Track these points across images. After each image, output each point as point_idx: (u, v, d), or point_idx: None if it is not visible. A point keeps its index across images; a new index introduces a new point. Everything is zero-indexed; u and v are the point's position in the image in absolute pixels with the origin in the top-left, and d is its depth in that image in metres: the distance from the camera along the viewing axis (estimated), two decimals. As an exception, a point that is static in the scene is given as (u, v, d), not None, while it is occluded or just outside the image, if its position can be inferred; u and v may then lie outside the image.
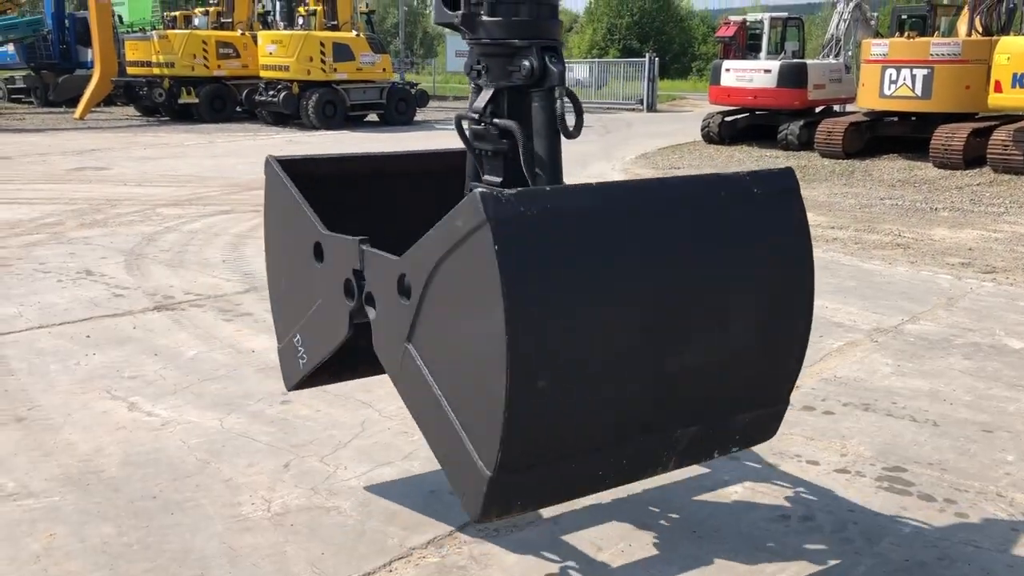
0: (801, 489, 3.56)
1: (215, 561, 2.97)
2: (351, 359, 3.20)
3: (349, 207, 3.23)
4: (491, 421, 2.15)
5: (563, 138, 2.72)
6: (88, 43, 25.87)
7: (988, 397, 4.57)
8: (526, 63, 2.63)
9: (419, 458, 3.75)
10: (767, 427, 2.82)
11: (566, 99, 2.67)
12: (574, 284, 2.18)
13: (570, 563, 3.00)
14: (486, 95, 2.72)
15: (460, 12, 2.70)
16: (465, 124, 2.90)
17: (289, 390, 3.38)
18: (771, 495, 3.50)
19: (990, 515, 3.36)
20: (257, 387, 4.57)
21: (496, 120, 2.73)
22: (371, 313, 2.65)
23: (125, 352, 5.10)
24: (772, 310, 2.60)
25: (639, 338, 2.32)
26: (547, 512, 3.30)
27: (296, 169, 3.13)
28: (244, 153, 16.31)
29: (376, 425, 4.11)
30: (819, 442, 4.00)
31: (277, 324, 3.34)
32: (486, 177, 2.82)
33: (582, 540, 3.14)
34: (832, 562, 3.03)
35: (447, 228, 2.22)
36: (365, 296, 2.66)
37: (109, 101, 25.57)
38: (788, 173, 2.67)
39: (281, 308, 3.30)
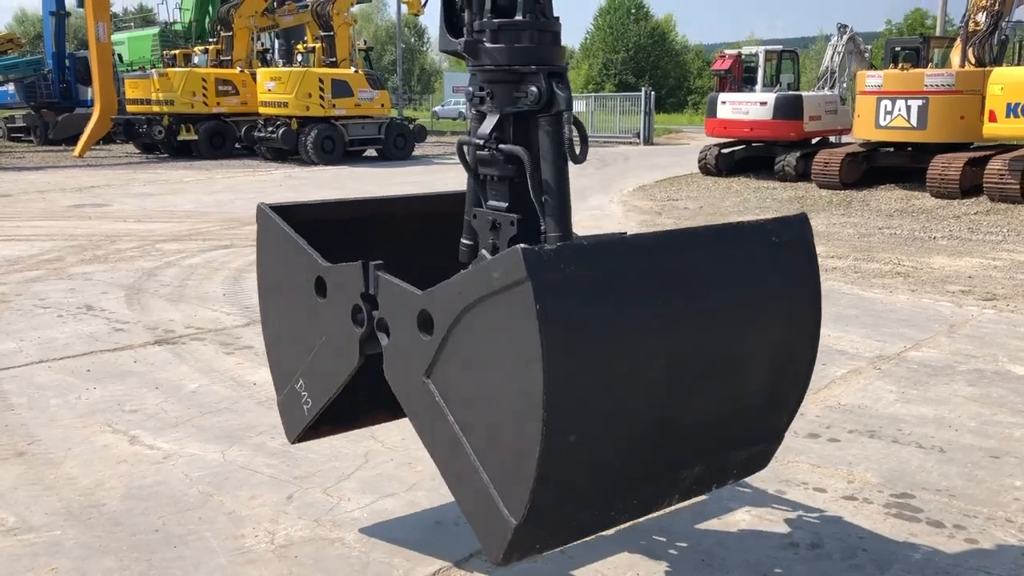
0: (809, 516, 3.53)
1: (218, 594, 2.93)
2: (351, 409, 3.20)
3: (339, 252, 3.13)
4: (521, 474, 2.17)
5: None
6: (88, 82, 26.11)
7: (994, 423, 4.55)
8: (534, 88, 2.64)
9: (423, 489, 3.72)
10: (762, 459, 2.88)
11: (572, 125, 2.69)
12: (608, 340, 2.21)
13: (578, 593, 2.97)
14: (491, 121, 2.73)
15: (463, 39, 2.73)
16: (466, 149, 2.90)
17: (292, 442, 3.26)
18: (778, 523, 3.47)
19: (1000, 541, 3.33)
20: (259, 419, 4.55)
21: (502, 146, 2.73)
22: (383, 339, 2.62)
23: (126, 386, 5.08)
24: (783, 358, 2.66)
25: (662, 390, 2.36)
26: (553, 542, 3.26)
27: (287, 215, 3.11)
28: (243, 189, 16.38)
29: (379, 456, 4.08)
30: (825, 469, 3.98)
31: (276, 376, 3.25)
32: (491, 203, 2.83)
33: (589, 571, 3.11)
34: (843, 590, 2.99)
35: (484, 276, 2.21)
36: (377, 322, 2.63)
37: (109, 139, 25.72)
38: (803, 220, 2.71)
39: (280, 358, 3.22)
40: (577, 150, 2.68)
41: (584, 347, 2.15)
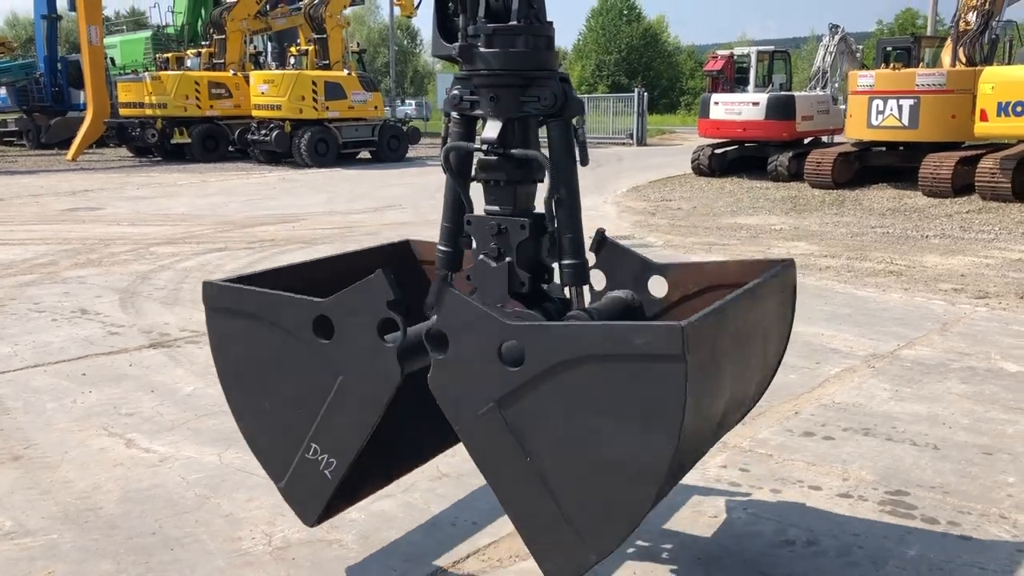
0: (804, 514, 3.54)
1: (216, 596, 2.94)
2: (358, 479, 2.98)
3: None
4: (614, 522, 2.35)
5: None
6: (80, 85, 26.08)
7: (987, 420, 4.58)
8: (548, 93, 2.66)
9: (419, 491, 3.73)
10: None
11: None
12: (705, 406, 2.47)
13: (575, 592, 2.97)
14: (495, 125, 2.72)
15: (458, 44, 2.73)
16: (452, 155, 2.83)
17: (312, 525, 2.92)
18: (774, 521, 3.48)
19: (994, 537, 3.35)
20: (255, 422, 4.54)
21: (515, 150, 2.73)
22: (436, 353, 2.46)
23: (121, 389, 5.08)
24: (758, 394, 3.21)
25: (712, 428, 2.69)
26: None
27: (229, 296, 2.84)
28: (237, 192, 16.37)
29: (376, 458, 4.08)
30: (820, 467, 3.99)
31: (271, 464, 2.88)
32: (490, 207, 2.82)
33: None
34: (838, 587, 3.01)
35: (618, 335, 2.25)
36: (433, 335, 2.46)
37: (102, 142, 25.69)
38: (788, 270, 3.08)
39: (272, 442, 2.86)
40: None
41: (697, 414, 2.38)
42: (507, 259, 2.75)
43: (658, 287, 3.20)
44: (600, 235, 3.17)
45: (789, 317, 3.18)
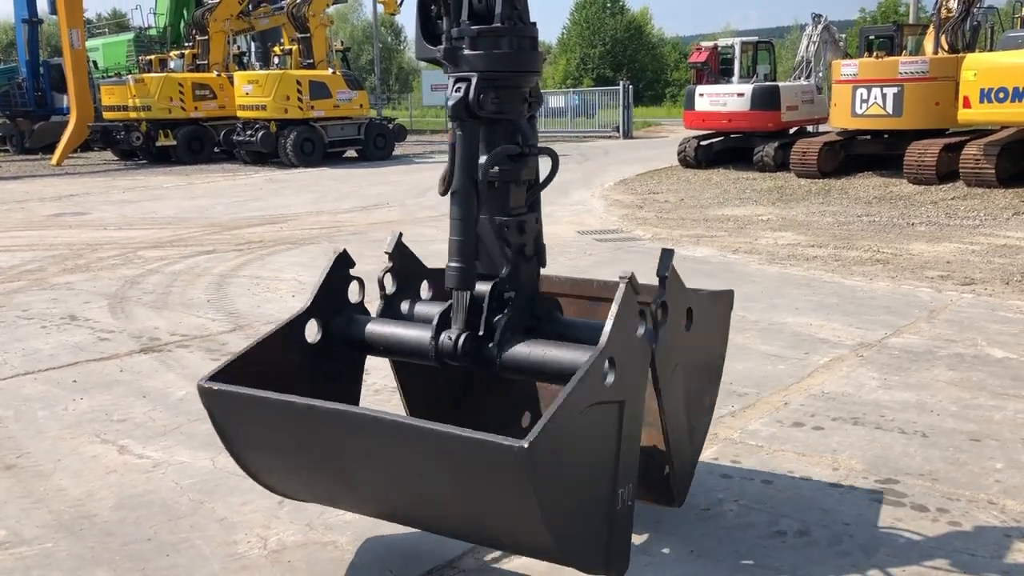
0: (795, 505, 3.57)
1: (213, 601, 2.95)
2: None
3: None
4: None
5: None
6: (63, 89, 25.89)
7: (974, 407, 4.62)
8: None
9: (414, 489, 3.75)
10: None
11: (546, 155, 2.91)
12: None
13: (570, 588, 3.00)
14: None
15: (442, 47, 2.75)
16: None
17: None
18: (766, 512, 3.52)
19: (983, 523, 3.39)
20: (248, 425, 4.55)
21: (539, 146, 2.90)
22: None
23: (113, 395, 5.07)
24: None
25: None
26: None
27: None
28: (223, 193, 16.32)
29: (369, 458, 4.09)
30: (810, 457, 4.03)
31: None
32: (505, 207, 2.92)
33: (581, 564, 3.14)
34: (830, 575, 3.05)
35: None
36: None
37: (86, 146, 25.55)
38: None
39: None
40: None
41: None
42: None
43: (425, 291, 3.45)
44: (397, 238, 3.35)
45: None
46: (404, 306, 3.28)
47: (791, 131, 18.68)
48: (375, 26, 45.60)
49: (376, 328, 3.15)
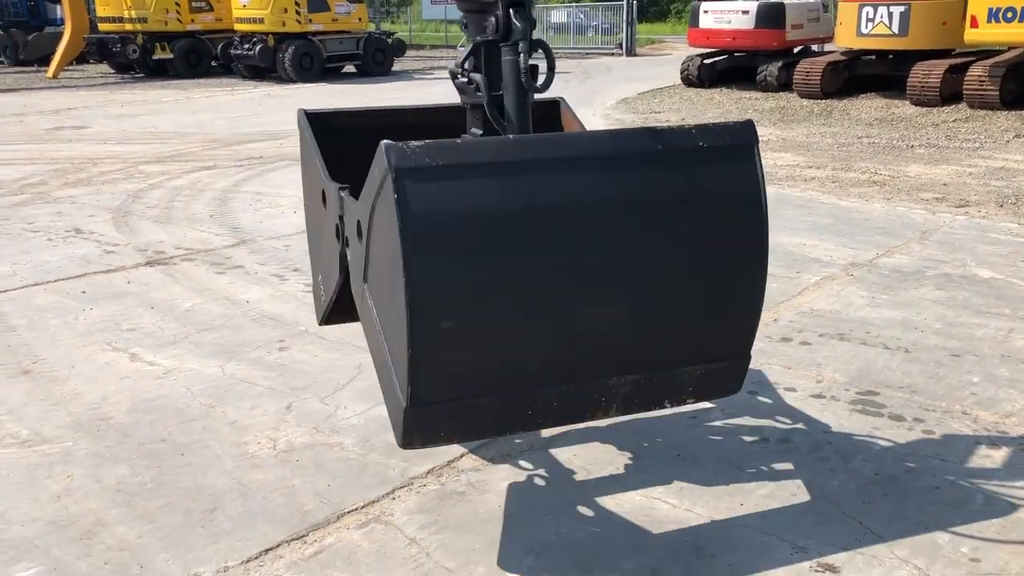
0: (779, 415, 3.75)
1: (227, 495, 3.14)
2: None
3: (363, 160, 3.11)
4: (403, 357, 2.30)
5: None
6: (57, 0, 25.40)
7: (957, 324, 4.77)
8: (491, 18, 2.71)
9: (415, 397, 3.92)
10: (726, 381, 2.83)
11: (540, 51, 2.74)
12: (479, 234, 2.27)
13: (560, 485, 3.19)
14: (465, 50, 2.83)
15: None
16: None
17: (320, 324, 3.52)
18: (750, 421, 3.69)
19: (955, 431, 3.57)
20: (254, 335, 4.71)
21: (473, 74, 2.83)
22: (348, 255, 2.85)
23: (122, 306, 5.22)
24: (718, 270, 2.58)
25: (550, 289, 2.38)
26: (540, 442, 3.48)
27: (320, 122, 3.31)
28: (222, 108, 16.22)
29: (372, 368, 4.24)
30: (796, 371, 4.20)
31: (312, 264, 3.60)
32: (472, 130, 2.94)
33: (572, 465, 3.33)
34: (808, 478, 3.23)
35: (371, 176, 2.39)
36: (344, 239, 2.86)
37: (82, 59, 25.20)
38: (748, 127, 2.60)
39: (312, 249, 3.56)
40: (540, 79, 2.73)
41: (449, 237, 2.24)
42: None
43: None
44: None
45: (741, 205, 2.55)
46: None
47: (795, 50, 18.43)
48: (374, -64, 44.41)
49: None
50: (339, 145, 3.16)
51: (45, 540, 2.88)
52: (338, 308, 3.26)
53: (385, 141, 2.25)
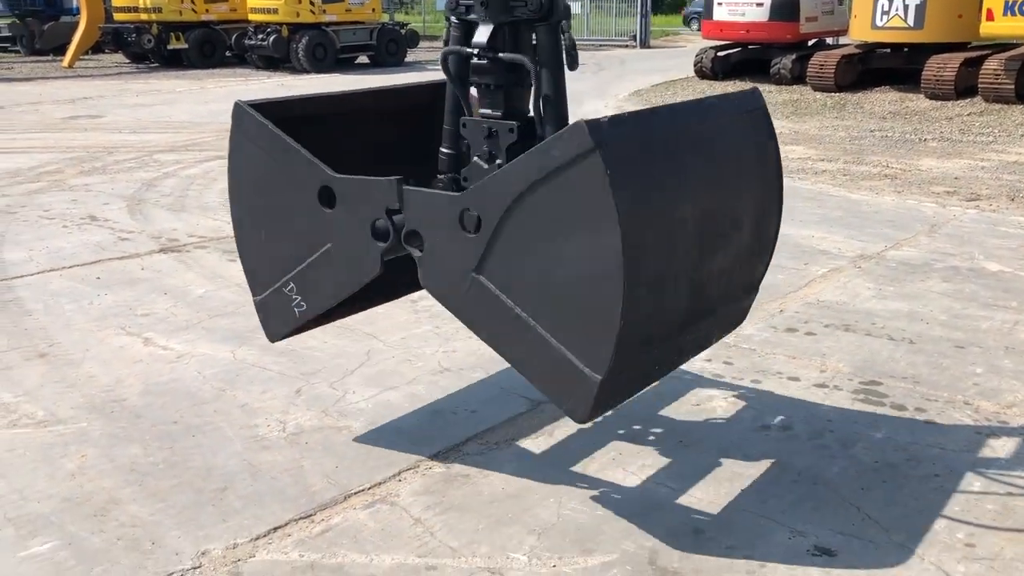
0: (782, 403, 3.79)
1: (238, 476, 3.21)
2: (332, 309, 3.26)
3: (320, 147, 3.04)
4: (602, 333, 2.43)
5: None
6: (73, -11, 25.56)
7: (963, 316, 4.79)
8: None
9: (423, 383, 3.98)
10: (742, 314, 3.32)
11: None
12: (659, 202, 2.53)
13: (564, 470, 3.24)
14: (486, 30, 2.82)
15: None
16: (451, 60, 2.97)
17: (273, 342, 3.36)
18: (753, 409, 3.73)
19: (957, 421, 3.60)
20: (265, 321, 4.77)
21: (503, 55, 2.84)
22: (415, 251, 2.78)
23: (136, 292, 5.30)
24: (761, 213, 3.07)
25: (694, 245, 2.70)
26: (544, 426, 3.53)
27: (267, 112, 3.06)
28: (236, 98, 16.27)
29: (381, 354, 4.32)
30: (800, 360, 4.23)
31: (252, 278, 3.26)
32: (483, 111, 2.96)
33: (576, 451, 3.38)
34: (808, 464, 3.27)
35: (537, 161, 2.43)
36: (406, 235, 2.77)
37: (97, 48, 25.30)
38: (756, 94, 3.14)
39: (260, 261, 3.22)
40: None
41: (645, 207, 2.44)
42: (497, 161, 2.90)
43: None
44: None
45: (771, 156, 3.10)
46: None
47: (810, 43, 18.36)
48: (388, -73, 44.38)
49: None
50: (299, 134, 2.98)
51: (60, 516, 2.96)
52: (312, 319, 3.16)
53: (582, 119, 2.33)
